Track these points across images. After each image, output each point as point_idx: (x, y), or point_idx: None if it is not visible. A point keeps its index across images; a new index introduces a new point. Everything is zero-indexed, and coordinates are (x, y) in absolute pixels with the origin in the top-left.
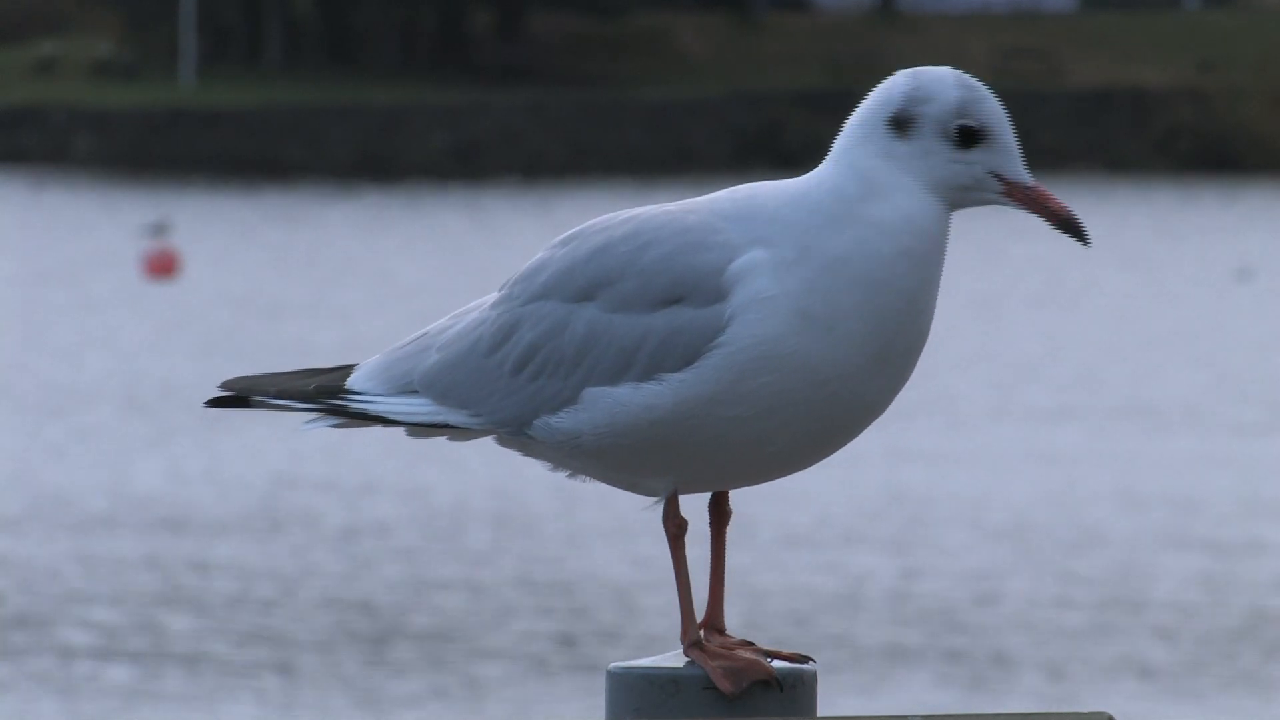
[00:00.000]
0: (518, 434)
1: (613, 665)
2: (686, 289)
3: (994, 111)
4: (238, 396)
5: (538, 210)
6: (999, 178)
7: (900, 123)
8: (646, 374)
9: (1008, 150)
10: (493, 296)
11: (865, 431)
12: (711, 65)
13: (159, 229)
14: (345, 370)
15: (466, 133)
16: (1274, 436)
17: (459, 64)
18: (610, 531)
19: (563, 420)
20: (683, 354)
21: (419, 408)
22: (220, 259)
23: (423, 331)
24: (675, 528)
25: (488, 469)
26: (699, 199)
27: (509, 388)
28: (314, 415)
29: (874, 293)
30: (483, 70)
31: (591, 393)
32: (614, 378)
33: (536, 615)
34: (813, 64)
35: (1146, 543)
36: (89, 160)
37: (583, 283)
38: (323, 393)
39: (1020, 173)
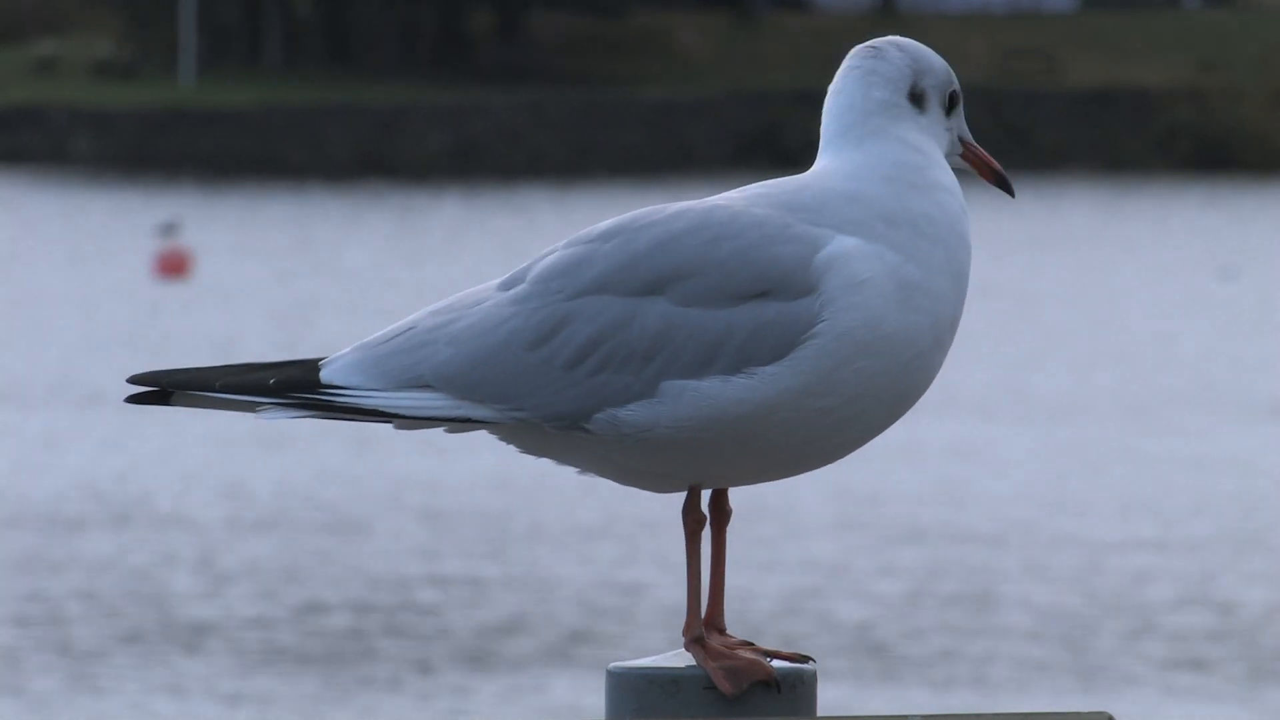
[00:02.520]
0: (571, 428)
1: (613, 665)
2: (771, 283)
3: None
4: (160, 390)
5: (538, 210)
6: (962, 141)
7: (916, 96)
8: (734, 368)
9: (962, 113)
10: (487, 289)
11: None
12: (711, 65)
13: (169, 228)
14: (303, 365)
15: (466, 133)
16: (1204, 435)
17: (459, 64)
18: (611, 530)
19: (634, 413)
20: (773, 348)
21: (433, 402)
22: (230, 258)
23: (408, 326)
24: (694, 523)
25: (486, 463)
26: (734, 193)
27: (562, 383)
28: (271, 407)
29: (953, 249)
30: (483, 70)
31: (671, 386)
32: (697, 372)
33: (536, 614)
34: (813, 64)
35: (1137, 544)
36: (89, 160)
37: (648, 277)
38: (288, 387)
39: (969, 134)
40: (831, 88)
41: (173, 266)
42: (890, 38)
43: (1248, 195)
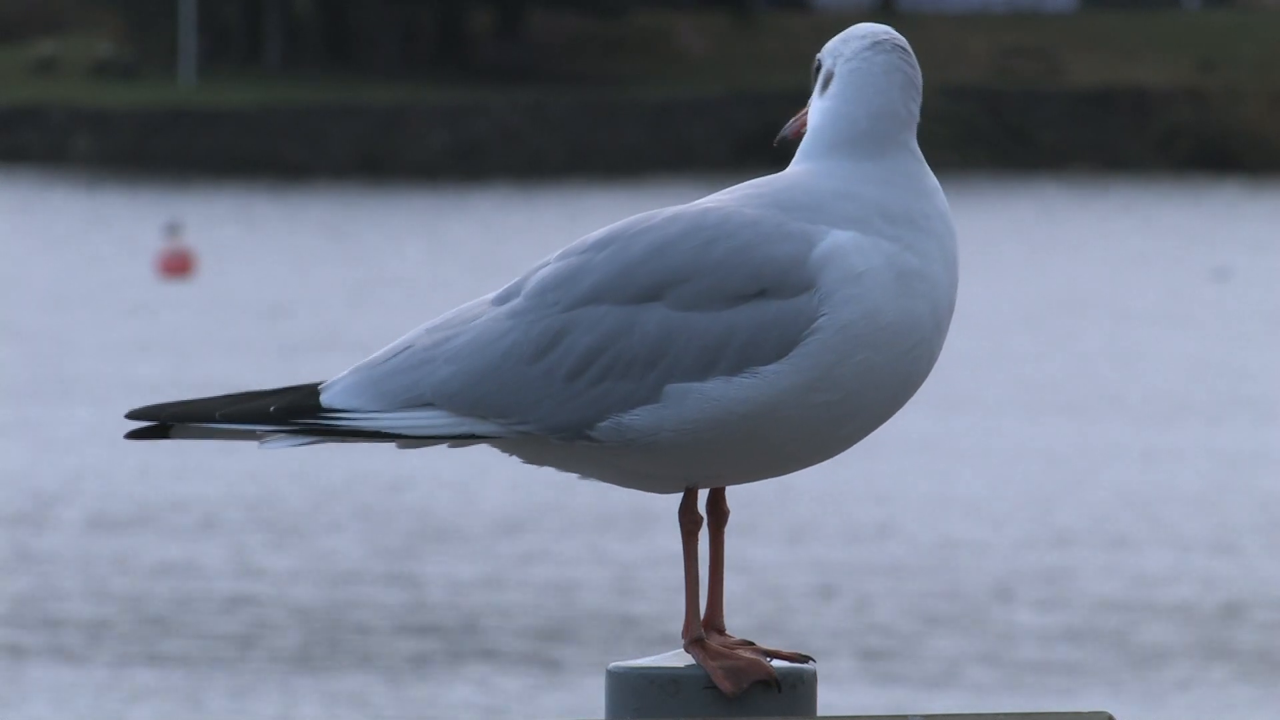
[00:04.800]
0: (574, 439)
1: (613, 665)
2: (768, 281)
3: None
4: (159, 425)
5: (538, 210)
6: None
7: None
8: (736, 369)
9: None
10: (482, 304)
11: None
12: (711, 65)
13: (173, 229)
14: (302, 390)
15: (466, 133)
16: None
17: (459, 64)
18: (612, 530)
19: (639, 419)
20: (774, 346)
21: (435, 420)
22: (233, 258)
23: (405, 345)
24: (691, 523)
25: (485, 470)
26: (725, 193)
27: (564, 394)
28: (273, 435)
29: (944, 239)
30: (483, 70)
31: (675, 389)
32: (699, 374)
33: (536, 615)
34: (812, 64)
35: (1137, 541)
36: (89, 160)
37: (645, 283)
38: (289, 414)
39: None
40: (861, 78)
41: (176, 266)
42: (901, 37)
43: (1247, 195)
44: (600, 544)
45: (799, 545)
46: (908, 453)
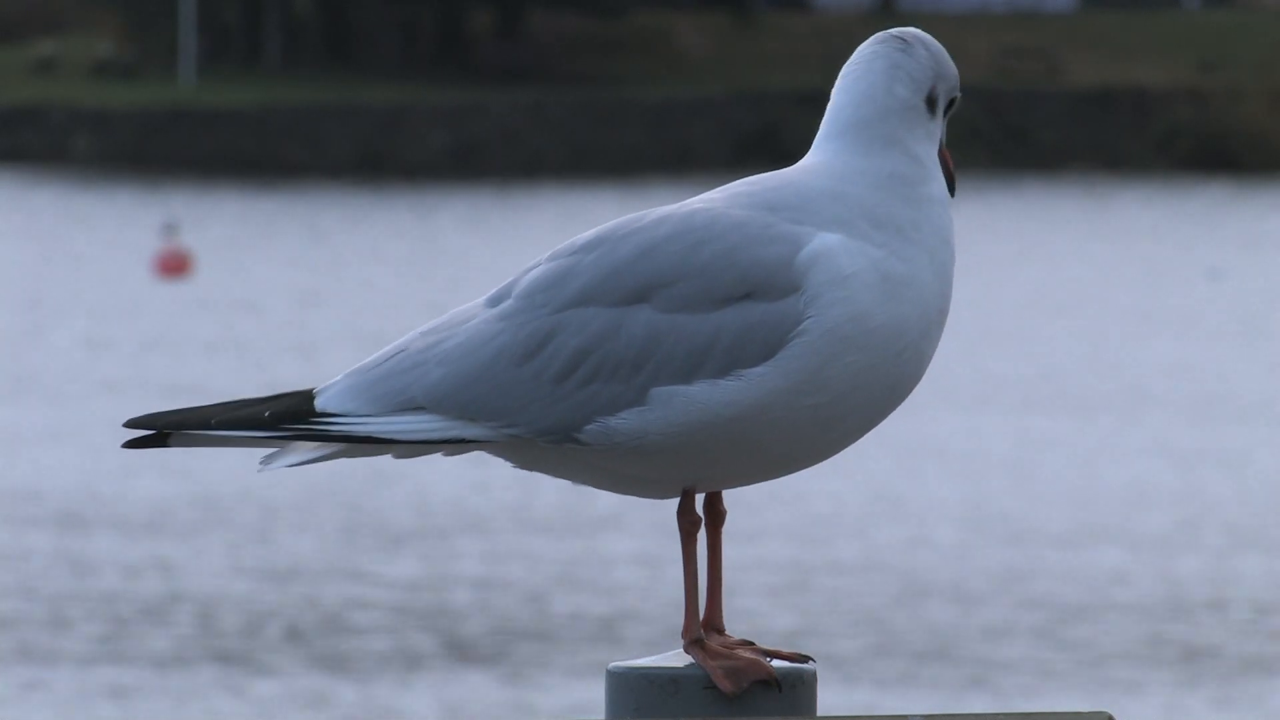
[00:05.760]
0: (564, 440)
1: (613, 665)
2: (755, 284)
3: None
4: (157, 434)
5: (538, 210)
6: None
7: (930, 100)
8: (722, 371)
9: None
10: (475, 306)
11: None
12: (711, 65)
13: (170, 229)
14: (297, 395)
15: (466, 133)
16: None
17: (459, 64)
18: (611, 531)
19: (625, 421)
20: (761, 349)
21: (426, 424)
22: (231, 258)
23: (398, 349)
24: (690, 525)
25: (484, 470)
26: (716, 192)
27: (552, 396)
28: (270, 450)
29: (936, 249)
30: (482, 70)
31: (661, 392)
32: (686, 377)
33: (538, 613)
34: (813, 64)
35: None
36: (89, 160)
37: (632, 285)
38: (284, 419)
39: (943, 136)
40: (850, 70)
41: (173, 266)
42: (915, 31)
43: (1247, 196)
44: (578, 544)
45: (765, 545)
46: (896, 450)
